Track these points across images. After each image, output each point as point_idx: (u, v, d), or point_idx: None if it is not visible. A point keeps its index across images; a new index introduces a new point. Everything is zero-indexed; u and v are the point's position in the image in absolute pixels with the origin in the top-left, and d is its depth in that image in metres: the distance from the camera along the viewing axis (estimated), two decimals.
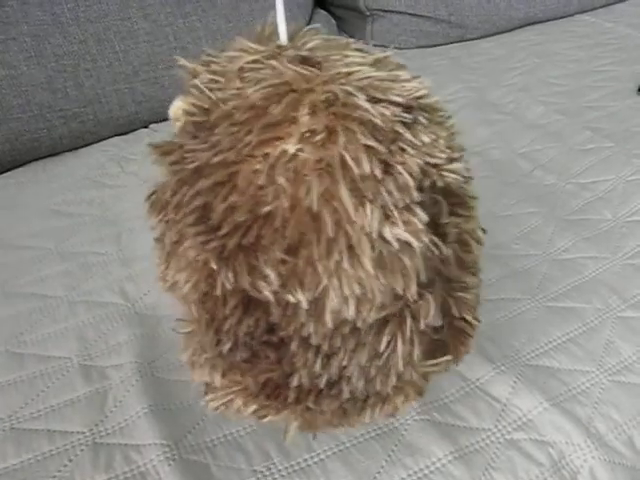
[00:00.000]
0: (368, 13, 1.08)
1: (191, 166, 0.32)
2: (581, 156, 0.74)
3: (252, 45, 0.35)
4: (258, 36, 0.36)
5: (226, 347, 0.33)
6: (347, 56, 0.33)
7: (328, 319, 0.31)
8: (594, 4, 1.19)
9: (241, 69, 0.33)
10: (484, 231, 0.38)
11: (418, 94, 0.33)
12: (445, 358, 0.37)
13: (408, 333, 0.33)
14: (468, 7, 1.07)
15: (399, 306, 0.32)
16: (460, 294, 0.36)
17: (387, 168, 0.30)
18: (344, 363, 0.33)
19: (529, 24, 1.14)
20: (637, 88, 0.88)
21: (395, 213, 0.30)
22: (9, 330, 0.53)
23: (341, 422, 0.37)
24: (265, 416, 0.36)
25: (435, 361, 0.36)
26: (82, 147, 0.83)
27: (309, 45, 0.34)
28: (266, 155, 0.30)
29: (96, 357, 0.50)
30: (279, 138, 0.30)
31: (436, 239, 0.32)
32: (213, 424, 0.45)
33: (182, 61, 0.36)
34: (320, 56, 0.33)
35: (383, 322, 0.33)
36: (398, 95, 0.32)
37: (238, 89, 0.32)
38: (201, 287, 0.32)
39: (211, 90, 0.34)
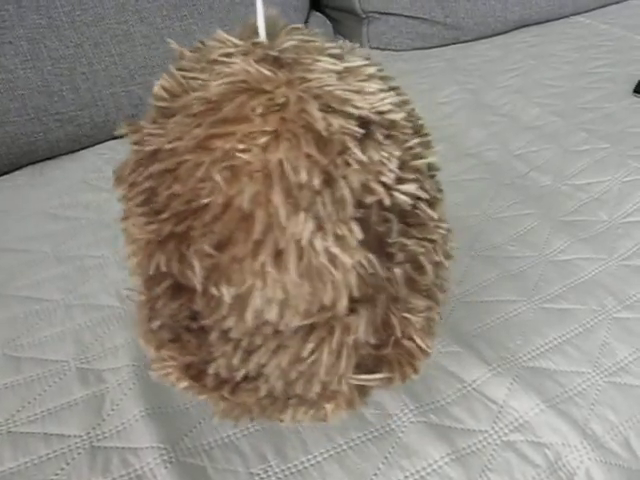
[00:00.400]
0: (364, 15, 1.08)
1: (148, 149, 0.33)
2: (576, 157, 0.74)
3: (230, 38, 0.35)
4: (249, 29, 0.36)
5: (155, 324, 0.34)
6: (318, 60, 0.33)
7: (249, 317, 0.31)
8: (589, 6, 1.19)
9: (214, 61, 0.33)
10: (448, 256, 0.37)
11: (382, 109, 0.32)
12: (379, 375, 0.36)
13: (334, 344, 0.32)
14: (464, 9, 1.08)
15: (327, 317, 0.32)
16: (406, 315, 0.35)
17: (328, 180, 0.30)
18: (263, 361, 0.33)
19: (524, 26, 1.15)
20: (632, 89, 0.88)
21: (328, 225, 0.30)
22: (6, 333, 0.53)
23: (261, 416, 0.37)
24: (195, 394, 0.37)
25: (370, 376, 0.35)
26: (78, 150, 0.83)
27: (284, 45, 0.34)
28: (210, 150, 0.31)
29: (93, 360, 0.50)
30: (225, 135, 0.31)
31: (372, 257, 0.31)
32: (210, 427, 0.45)
33: (173, 44, 0.37)
34: (290, 58, 0.33)
35: (309, 329, 0.32)
36: (357, 107, 0.31)
37: (205, 80, 0.33)
38: (143, 263, 0.33)
39: (185, 78, 0.34)
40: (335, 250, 0.30)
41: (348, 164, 0.30)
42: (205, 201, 0.31)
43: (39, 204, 0.71)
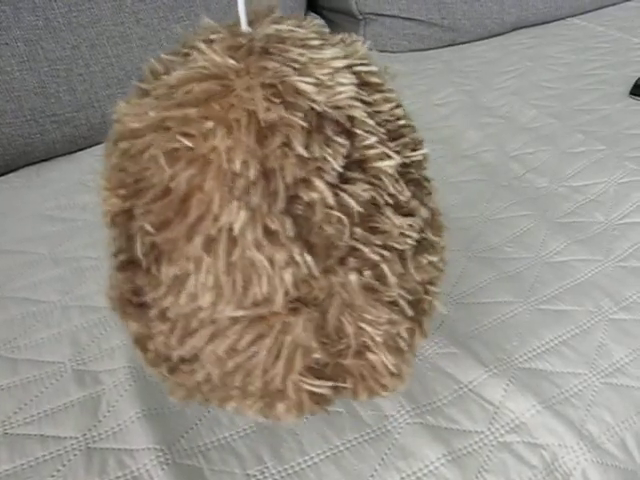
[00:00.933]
0: (361, 17, 1.09)
1: (122, 128, 0.33)
2: (573, 159, 0.74)
3: (213, 25, 0.35)
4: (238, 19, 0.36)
5: (111, 294, 0.36)
6: (286, 51, 0.32)
7: (183, 300, 0.31)
8: (585, 8, 1.19)
9: (193, 47, 0.34)
10: (423, 269, 0.35)
11: (339, 103, 0.31)
12: (329, 383, 0.34)
13: (271, 341, 0.32)
14: (460, 11, 1.08)
15: (264, 312, 0.31)
16: (363, 325, 0.33)
17: (264, 171, 0.30)
18: (198, 345, 0.33)
19: (521, 27, 1.15)
20: (629, 91, 0.88)
21: (259, 218, 0.30)
22: (2, 335, 0.53)
23: (206, 402, 0.37)
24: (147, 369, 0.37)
25: (320, 382, 0.34)
26: (75, 152, 0.83)
27: (260, 34, 0.33)
28: (159, 133, 0.31)
29: (89, 362, 0.50)
30: (174, 119, 0.31)
31: (309, 257, 0.30)
32: (206, 428, 0.45)
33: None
34: (260, 47, 0.32)
35: (249, 323, 0.32)
36: (310, 100, 0.31)
37: (180, 65, 0.33)
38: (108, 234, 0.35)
39: (171, 62, 0.34)
40: (265, 243, 0.30)
41: (286, 156, 0.30)
42: (150, 181, 0.31)
43: (35, 206, 0.71)
